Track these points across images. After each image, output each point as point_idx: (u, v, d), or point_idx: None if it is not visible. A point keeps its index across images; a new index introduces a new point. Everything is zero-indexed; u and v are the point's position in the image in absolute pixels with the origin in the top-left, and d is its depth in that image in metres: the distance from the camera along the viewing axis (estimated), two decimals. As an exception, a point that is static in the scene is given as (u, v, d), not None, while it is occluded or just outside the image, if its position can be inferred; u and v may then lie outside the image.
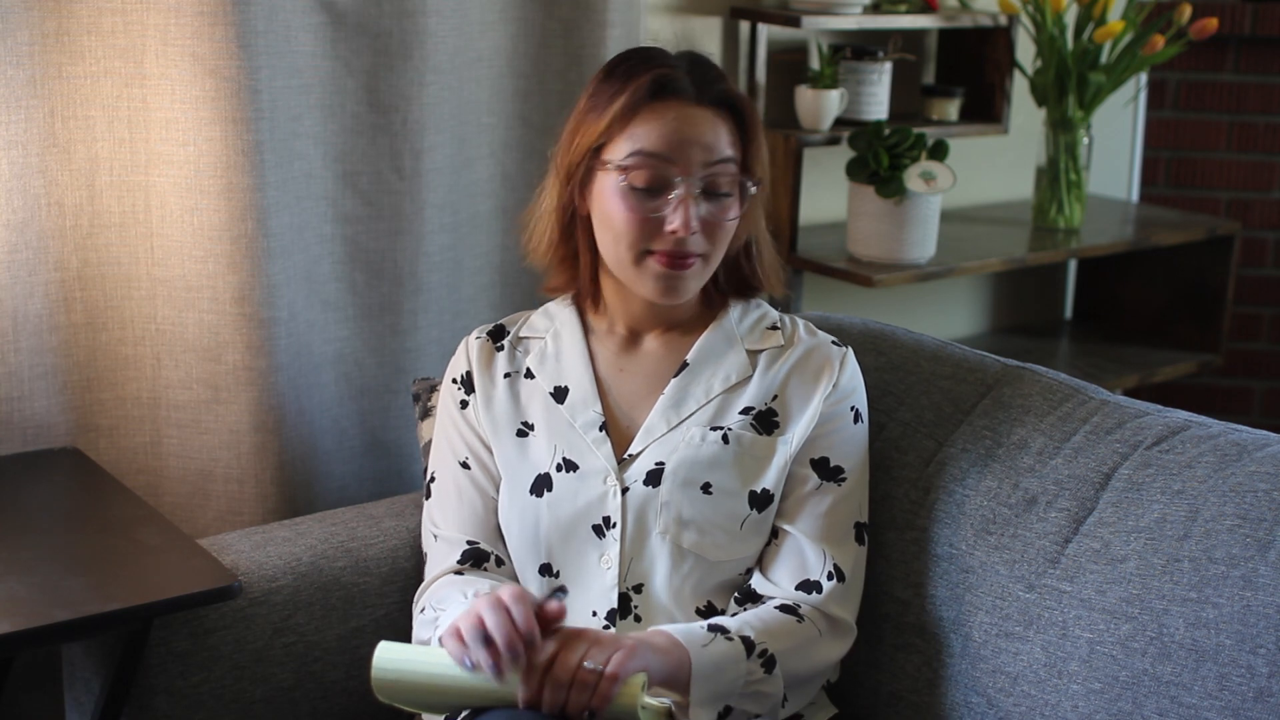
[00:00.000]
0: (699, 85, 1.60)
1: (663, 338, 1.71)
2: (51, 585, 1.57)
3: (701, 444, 1.63)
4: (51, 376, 1.97)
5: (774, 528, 1.65)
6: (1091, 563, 1.60)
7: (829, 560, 1.63)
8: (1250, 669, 1.47)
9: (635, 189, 1.59)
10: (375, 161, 2.14)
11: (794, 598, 1.61)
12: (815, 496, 1.65)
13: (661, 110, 1.59)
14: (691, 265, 1.61)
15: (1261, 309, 3.53)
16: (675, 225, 1.58)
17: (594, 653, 1.41)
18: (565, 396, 1.68)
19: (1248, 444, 1.62)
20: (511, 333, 1.76)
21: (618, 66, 1.64)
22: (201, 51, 1.91)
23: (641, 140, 1.59)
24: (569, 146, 1.65)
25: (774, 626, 1.57)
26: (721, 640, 1.52)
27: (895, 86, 2.79)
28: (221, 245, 1.98)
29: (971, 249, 2.80)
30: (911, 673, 1.71)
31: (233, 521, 2.08)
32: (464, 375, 1.73)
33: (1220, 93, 3.46)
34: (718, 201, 1.61)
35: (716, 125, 1.60)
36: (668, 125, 1.58)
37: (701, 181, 1.59)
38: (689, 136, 1.58)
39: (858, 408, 1.71)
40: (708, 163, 1.59)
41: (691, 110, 1.59)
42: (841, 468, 1.67)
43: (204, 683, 1.69)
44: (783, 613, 1.59)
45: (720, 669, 1.50)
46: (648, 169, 1.59)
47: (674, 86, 1.60)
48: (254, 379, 2.03)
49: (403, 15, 2.10)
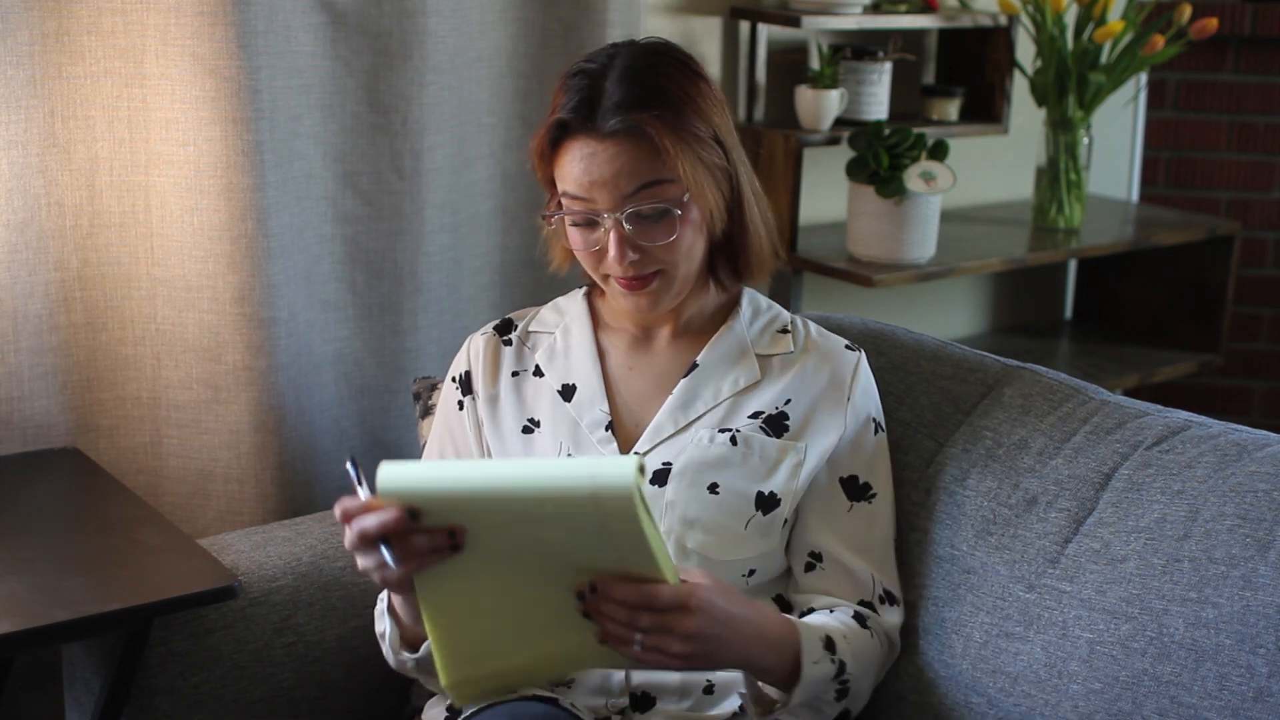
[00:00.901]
0: (602, 117, 1.54)
1: (674, 337, 1.71)
2: (51, 585, 1.57)
3: (710, 445, 1.63)
4: (51, 376, 1.97)
5: (814, 551, 1.66)
6: (1091, 563, 1.60)
7: (877, 583, 1.67)
8: (1250, 669, 1.47)
9: (576, 224, 1.60)
10: (375, 161, 2.14)
11: (860, 610, 1.64)
12: (849, 518, 1.67)
13: (571, 150, 1.56)
14: (651, 283, 1.60)
15: (1261, 309, 3.53)
16: (611, 257, 1.57)
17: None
18: (573, 395, 1.68)
19: (1248, 444, 1.61)
20: (520, 328, 1.75)
21: (561, 85, 1.61)
22: (201, 51, 1.91)
23: (564, 181, 1.58)
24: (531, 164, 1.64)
25: (857, 645, 1.59)
26: (827, 662, 1.54)
27: (895, 86, 2.79)
28: (221, 245, 1.98)
29: (971, 249, 2.80)
30: (913, 673, 1.71)
31: (233, 521, 2.08)
32: (463, 375, 1.73)
33: (1220, 93, 3.46)
34: (652, 223, 1.57)
35: (626, 154, 1.54)
36: (577, 167, 1.56)
37: (627, 211, 1.56)
38: (597, 177, 1.55)
39: (876, 419, 1.71)
40: (626, 195, 1.55)
41: (595, 146, 1.55)
42: (870, 485, 1.68)
43: (204, 683, 1.69)
44: (860, 625, 1.62)
45: (815, 685, 1.53)
46: (576, 207, 1.58)
47: (572, 128, 1.56)
48: (254, 379, 2.03)
49: (403, 15, 2.10)
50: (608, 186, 1.55)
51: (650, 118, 1.54)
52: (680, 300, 1.66)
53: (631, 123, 1.53)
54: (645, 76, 1.57)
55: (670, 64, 1.60)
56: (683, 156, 1.55)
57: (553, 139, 1.58)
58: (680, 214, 1.57)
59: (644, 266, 1.59)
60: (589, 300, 1.74)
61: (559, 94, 1.60)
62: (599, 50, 1.63)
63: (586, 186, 1.56)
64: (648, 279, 1.60)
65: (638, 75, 1.57)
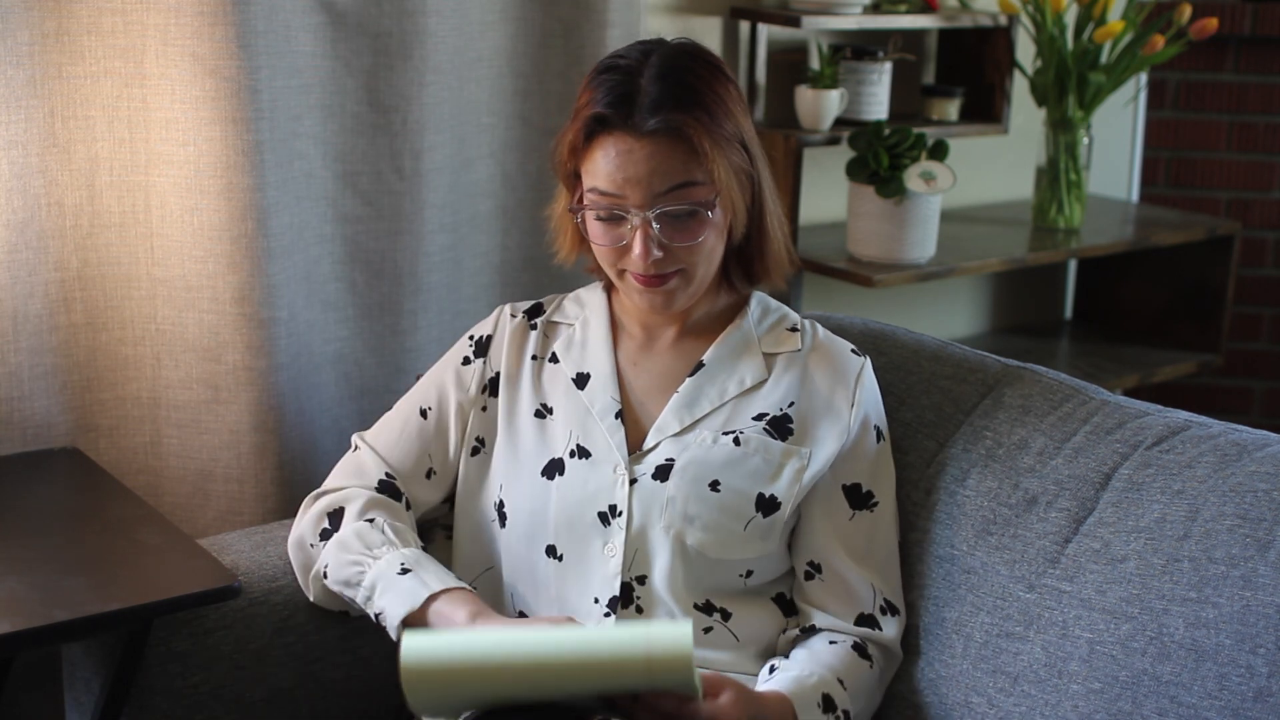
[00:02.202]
0: (641, 115, 1.55)
1: (680, 336, 1.71)
2: (51, 585, 1.57)
3: (714, 445, 1.64)
4: (51, 376, 1.97)
5: (814, 561, 1.66)
6: (1091, 563, 1.60)
7: (878, 594, 1.67)
8: (1250, 669, 1.47)
9: (600, 218, 1.60)
10: (375, 161, 2.14)
11: (858, 633, 1.65)
12: (851, 525, 1.67)
13: (605, 145, 1.57)
14: (669, 282, 1.61)
15: (1261, 309, 3.53)
16: (635, 254, 1.58)
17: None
18: (586, 383, 1.69)
19: (1248, 444, 1.62)
20: (545, 315, 1.77)
21: (591, 79, 1.62)
22: (201, 51, 1.91)
23: (593, 177, 1.59)
24: (557, 157, 1.65)
25: (856, 684, 1.61)
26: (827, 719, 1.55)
27: (895, 86, 2.79)
28: (221, 245, 1.98)
29: (971, 249, 2.80)
30: (914, 673, 1.71)
31: (233, 521, 2.08)
32: (484, 338, 1.76)
33: (1220, 93, 3.46)
34: (680, 222, 1.58)
35: (662, 154, 1.56)
36: (611, 163, 1.56)
37: (657, 210, 1.57)
38: (631, 175, 1.56)
39: (879, 425, 1.71)
40: (658, 194, 1.56)
41: (632, 144, 1.56)
42: (873, 493, 1.68)
43: (204, 683, 1.69)
44: (859, 655, 1.63)
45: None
46: (604, 203, 1.59)
47: (610, 123, 1.56)
48: (254, 379, 2.03)
49: (403, 15, 2.10)
50: (641, 184, 1.56)
51: (690, 120, 1.55)
52: (694, 300, 1.67)
53: (672, 124, 1.55)
54: (682, 76, 1.58)
55: (704, 66, 1.61)
56: (717, 160, 1.57)
57: (588, 132, 1.58)
58: (710, 216, 1.58)
59: (666, 265, 1.60)
60: (607, 295, 1.76)
61: (589, 89, 1.60)
62: (629, 46, 1.65)
63: (620, 183, 1.57)
64: (666, 278, 1.61)
65: (675, 75, 1.58)
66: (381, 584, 1.60)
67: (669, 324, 1.71)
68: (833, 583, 1.66)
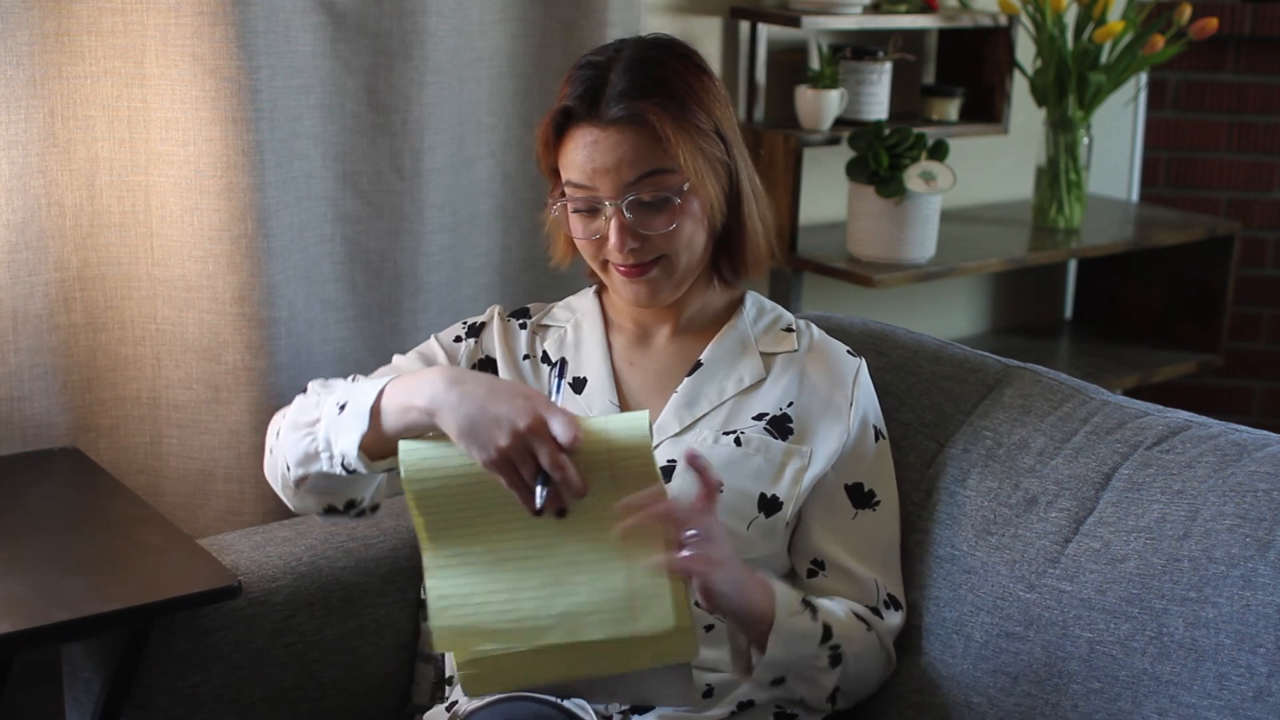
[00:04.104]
0: (605, 105, 1.56)
1: (675, 335, 1.71)
2: (51, 585, 1.57)
3: (715, 446, 1.63)
4: (51, 376, 1.97)
5: (817, 559, 1.67)
6: (1091, 562, 1.60)
7: (881, 588, 1.68)
8: (1249, 668, 1.47)
9: (578, 211, 1.61)
10: (375, 161, 2.14)
11: (862, 611, 1.65)
12: (853, 525, 1.67)
13: (575, 138, 1.59)
14: (651, 271, 1.62)
15: (1261, 309, 3.53)
16: (612, 244, 1.59)
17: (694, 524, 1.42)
18: (584, 387, 1.69)
19: (1248, 444, 1.62)
20: (534, 319, 1.77)
21: (567, 77, 1.63)
22: (201, 51, 1.91)
23: (567, 170, 1.61)
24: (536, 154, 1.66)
25: (849, 629, 1.61)
26: (807, 616, 1.55)
27: (895, 86, 2.79)
28: (221, 245, 1.98)
29: (971, 249, 2.80)
30: (914, 673, 1.71)
31: (233, 521, 2.08)
32: (478, 324, 1.76)
33: (1220, 93, 3.46)
34: (653, 210, 1.59)
35: (628, 142, 1.56)
36: (580, 154, 1.58)
37: (628, 199, 1.57)
38: (600, 165, 1.57)
39: (877, 426, 1.72)
40: (628, 183, 1.57)
41: (598, 134, 1.57)
42: (874, 492, 1.69)
43: (204, 683, 1.69)
44: (857, 618, 1.63)
45: (796, 641, 1.53)
46: (579, 195, 1.60)
47: (576, 115, 1.58)
48: (254, 379, 2.03)
49: (403, 15, 2.10)
50: (610, 174, 1.57)
51: (652, 106, 1.56)
52: (681, 292, 1.67)
53: (633, 111, 1.56)
54: (649, 68, 1.59)
55: (674, 57, 1.62)
56: (683, 146, 1.57)
57: (557, 126, 1.60)
58: (680, 203, 1.58)
59: (645, 254, 1.60)
60: (599, 298, 1.75)
61: (565, 85, 1.62)
62: (606, 44, 1.66)
63: (589, 174, 1.58)
64: (647, 266, 1.61)
65: (642, 66, 1.59)
66: (331, 433, 1.52)
67: (662, 320, 1.71)
68: (837, 577, 1.66)
